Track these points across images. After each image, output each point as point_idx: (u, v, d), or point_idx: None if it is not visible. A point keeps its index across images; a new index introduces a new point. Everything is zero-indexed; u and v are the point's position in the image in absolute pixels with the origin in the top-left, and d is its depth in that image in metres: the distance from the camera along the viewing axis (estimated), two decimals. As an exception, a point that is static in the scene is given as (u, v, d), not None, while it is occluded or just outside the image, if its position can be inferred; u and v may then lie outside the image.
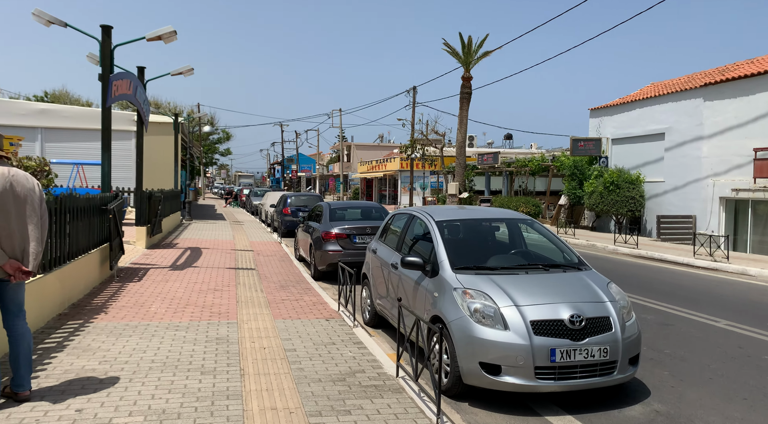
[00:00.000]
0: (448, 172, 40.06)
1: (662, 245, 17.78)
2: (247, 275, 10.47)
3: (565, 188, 25.23)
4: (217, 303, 7.84)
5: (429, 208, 6.57)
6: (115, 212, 9.17)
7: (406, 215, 6.90)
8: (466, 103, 36.03)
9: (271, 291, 8.96)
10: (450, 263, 5.29)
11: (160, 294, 8.28)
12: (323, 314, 7.40)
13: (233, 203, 42.76)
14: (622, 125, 23.83)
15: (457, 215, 6.27)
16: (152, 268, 10.68)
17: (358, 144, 69.29)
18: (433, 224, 5.91)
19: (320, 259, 10.60)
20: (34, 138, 22.08)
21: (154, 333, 6.10)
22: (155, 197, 14.16)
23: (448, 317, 4.85)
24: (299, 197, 19.99)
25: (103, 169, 10.09)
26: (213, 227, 21.12)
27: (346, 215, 11.62)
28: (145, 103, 13.27)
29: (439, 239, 5.62)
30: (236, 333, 6.23)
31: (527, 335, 4.50)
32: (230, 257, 12.84)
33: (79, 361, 5.06)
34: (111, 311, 7.08)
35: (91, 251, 8.36)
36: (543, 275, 5.22)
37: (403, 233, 6.59)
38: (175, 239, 16.01)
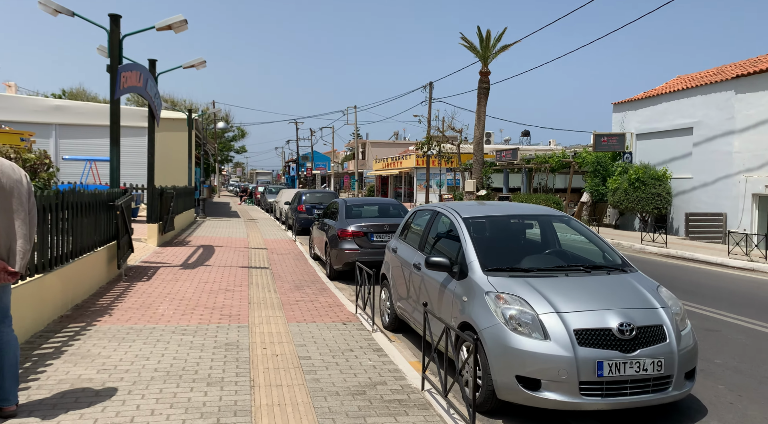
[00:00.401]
0: (465, 170, 39.42)
1: (692, 244, 17.04)
2: (260, 274, 10.06)
3: (587, 185, 24.50)
4: (228, 305, 7.42)
5: (454, 205, 6.07)
6: (123, 208, 8.80)
7: (429, 211, 6.40)
8: (484, 99, 35.36)
9: (285, 292, 8.52)
10: (480, 264, 4.78)
11: (169, 294, 7.88)
12: (340, 317, 6.94)
13: (248, 201, 42.59)
14: (648, 120, 23.02)
15: (485, 211, 5.76)
16: (162, 266, 10.32)
17: (373, 141, 68.82)
18: (460, 221, 5.41)
19: (336, 258, 10.15)
20: (48, 135, 21.95)
21: (160, 338, 5.68)
22: (167, 194, 13.83)
23: (480, 324, 4.35)
24: (314, 194, 19.58)
25: (112, 164, 9.74)
26: (227, 224, 20.81)
27: (363, 212, 11.16)
28: (157, 97, 12.92)
29: (468, 237, 5.11)
30: (247, 338, 5.79)
31: (570, 345, 3.98)
32: (243, 255, 12.46)
33: (76, 369, 4.66)
34: (116, 312, 6.69)
35: (97, 249, 8.00)
36: (585, 278, 4.69)
37: (426, 231, 6.09)
38: (187, 237, 15.69)
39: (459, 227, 5.33)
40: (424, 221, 6.46)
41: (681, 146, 21.25)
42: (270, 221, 24.19)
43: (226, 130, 57.59)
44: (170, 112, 23.86)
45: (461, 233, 5.23)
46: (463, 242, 5.12)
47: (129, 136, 21.73)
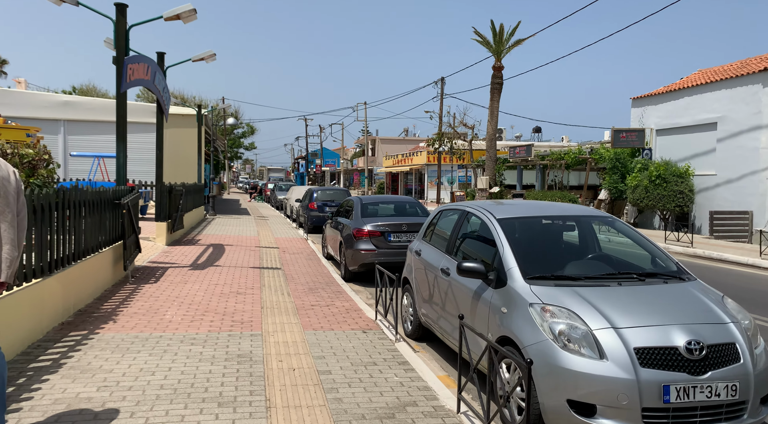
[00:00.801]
0: (477, 166, 38.82)
1: (718, 243, 16.41)
2: (272, 275, 9.62)
3: (605, 182, 23.86)
4: (240, 309, 6.98)
5: (484, 204, 5.57)
6: (129, 206, 8.39)
7: (456, 211, 5.91)
8: (497, 94, 34.72)
9: (299, 295, 8.08)
10: (521, 271, 4.29)
11: (177, 298, 7.46)
12: (359, 324, 6.47)
13: (258, 198, 42.27)
14: (668, 115, 22.33)
15: (520, 211, 5.26)
16: (171, 267, 9.91)
17: (383, 138, 68.29)
18: (495, 222, 4.91)
19: (351, 258, 9.68)
20: (56, 131, 21.66)
21: (167, 348, 5.24)
22: (176, 191, 13.44)
23: (524, 339, 3.86)
24: (325, 192, 19.14)
25: (118, 161, 9.33)
26: (237, 222, 20.43)
27: (379, 211, 10.68)
28: (165, 92, 12.51)
29: (505, 240, 4.62)
30: (261, 349, 5.34)
31: (631, 366, 3.48)
32: (254, 254, 12.03)
33: (75, 386, 4.22)
34: (121, 318, 6.27)
35: (102, 250, 7.58)
36: (641, 288, 4.18)
37: (455, 233, 5.60)
38: (197, 235, 15.30)
39: (494, 229, 4.84)
40: (451, 222, 5.97)
41: (704, 142, 20.57)
42: (280, 218, 23.79)
43: (236, 127, 57.31)
44: (180, 108, 23.51)
45: (497, 236, 4.73)
46: (499, 245, 4.63)
47: (138, 132, 21.42)
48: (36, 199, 5.26)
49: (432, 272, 5.74)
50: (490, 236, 4.89)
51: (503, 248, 4.57)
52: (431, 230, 6.36)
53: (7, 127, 13.33)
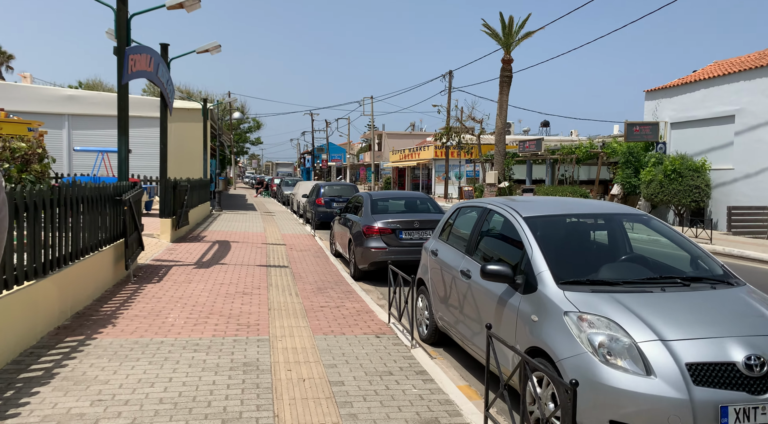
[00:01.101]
0: (485, 161, 38.34)
1: (737, 240, 15.94)
2: (279, 274, 9.28)
3: (618, 176, 23.35)
4: (246, 311, 6.64)
5: (507, 201, 5.19)
6: (131, 203, 8.06)
7: (476, 208, 5.52)
8: (507, 87, 34.19)
9: (308, 295, 7.73)
10: (553, 276, 3.91)
11: (181, 299, 7.13)
12: (371, 328, 6.12)
13: (264, 193, 42.01)
14: (684, 108, 21.79)
15: (548, 209, 4.87)
16: (175, 265, 9.59)
17: (390, 133, 67.83)
18: (521, 221, 4.53)
19: (361, 257, 9.33)
20: (61, 125, 21.40)
21: (168, 356, 4.91)
22: (181, 187, 13.12)
23: (559, 352, 3.49)
24: (333, 187, 18.78)
25: (120, 155, 9.00)
26: (243, 218, 20.13)
27: (390, 207, 10.31)
28: (169, 84, 12.17)
29: (534, 241, 4.24)
30: (268, 356, 4.99)
31: (683, 384, 3.11)
32: (261, 252, 11.70)
33: (66, 400, 3.89)
34: (120, 322, 5.94)
35: (102, 248, 7.26)
36: (687, 294, 3.79)
37: (475, 232, 5.22)
38: (203, 232, 14.99)
39: (521, 229, 4.45)
40: (470, 220, 5.59)
41: (721, 135, 20.03)
42: (287, 214, 23.48)
43: (242, 121, 57.03)
44: (185, 102, 23.20)
45: (524, 236, 4.35)
46: (527, 246, 4.25)
47: (142, 127, 21.13)
48: (28, 196, 4.93)
49: (450, 274, 5.37)
50: (515, 236, 4.51)
51: (532, 249, 4.19)
52: (448, 228, 5.99)
53: (9, 121, 13.06)
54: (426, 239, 9.25)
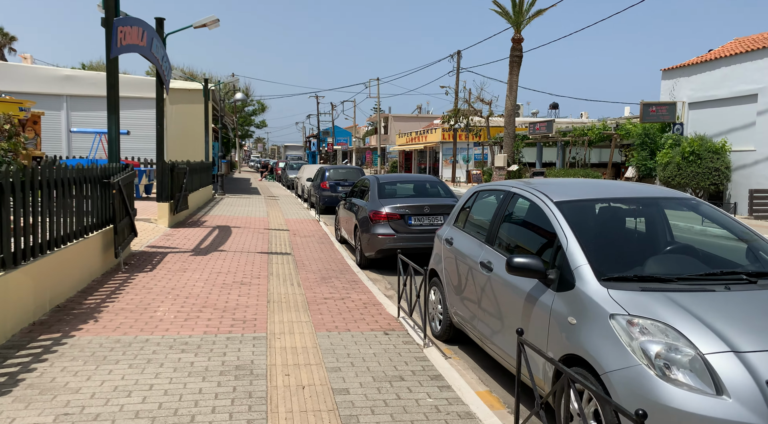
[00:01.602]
0: (494, 143, 37.56)
1: (760, 224, 15.25)
2: (281, 261, 8.74)
3: (633, 159, 22.58)
4: (243, 304, 6.11)
5: (534, 183, 4.58)
6: (120, 186, 7.51)
7: (497, 192, 4.92)
8: (516, 68, 33.26)
9: (310, 285, 7.19)
10: (594, 271, 3.32)
11: (174, 290, 6.61)
12: (379, 323, 5.57)
13: (269, 177, 41.46)
14: (703, 87, 20.91)
15: (582, 192, 4.26)
16: (171, 252, 9.07)
17: (396, 115, 66.88)
18: (552, 206, 3.93)
19: (368, 244, 8.76)
20: (59, 106, 20.83)
21: (152, 357, 4.38)
22: (179, 170, 12.56)
23: (605, 363, 2.92)
24: (338, 171, 18.19)
25: (110, 135, 8.43)
26: (246, 202, 19.59)
27: (398, 191, 9.71)
28: (165, 61, 11.54)
29: (569, 230, 3.64)
30: (264, 357, 4.46)
31: (765, 406, 2.53)
32: (263, 238, 11.17)
33: (27, 414, 3.37)
34: (104, 316, 5.42)
35: (88, 235, 6.73)
36: (757, 294, 3.20)
37: (496, 219, 4.62)
38: (203, 216, 14.47)
39: (552, 215, 3.86)
40: (490, 206, 4.99)
41: (742, 115, 19.20)
42: (291, 198, 22.93)
43: (246, 104, 56.26)
44: (186, 82, 22.55)
45: (557, 224, 3.75)
46: (561, 236, 3.66)
47: (142, 108, 20.54)
48: (-7, 178, 4.38)
49: (467, 265, 4.79)
50: (545, 224, 3.91)
51: (567, 239, 3.59)
52: (465, 214, 5.39)
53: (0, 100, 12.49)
54: (436, 225, 8.67)
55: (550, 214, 3.90)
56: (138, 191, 16.64)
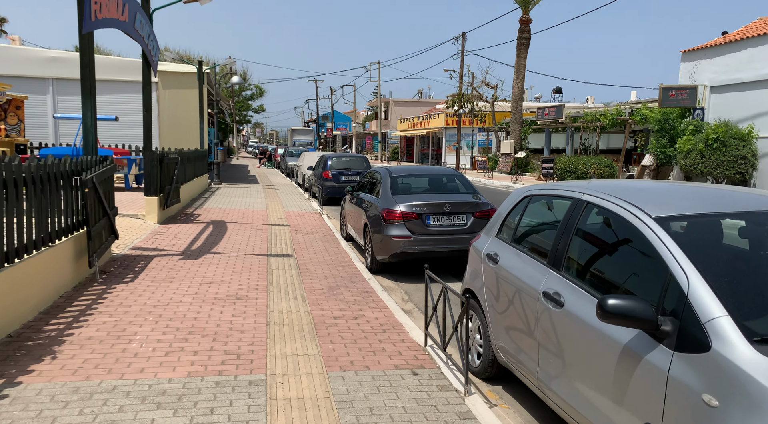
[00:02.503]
0: (500, 129, 36.39)
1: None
2: (282, 266, 7.72)
3: (651, 146, 21.49)
4: (238, 328, 5.09)
5: (611, 188, 3.52)
6: (95, 183, 6.44)
7: (559, 198, 3.87)
8: (524, 50, 32.06)
9: (317, 298, 6.18)
10: (738, 326, 2.29)
11: (156, 308, 5.58)
12: (404, 355, 4.56)
13: (267, 164, 40.31)
14: (726, 70, 19.74)
15: (689, 202, 3.19)
16: (158, 256, 8.04)
17: (397, 100, 65.48)
18: (651, 223, 2.89)
19: (381, 246, 7.73)
20: (44, 90, 19.63)
21: (116, 419, 3.36)
22: (169, 159, 11.48)
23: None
24: (341, 159, 17.09)
25: (85, 123, 7.35)
26: (244, 192, 18.52)
27: (413, 186, 8.66)
28: (152, 40, 10.39)
29: (686, 262, 2.60)
30: (263, 417, 3.44)
31: None
32: (261, 235, 10.13)
33: None
34: (65, 350, 4.40)
35: (53, 243, 5.69)
36: None
37: (564, 236, 3.57)
38: (196, 210, 13.41)
39: (655, 238, 2.81)
40: (550, 216, 3.95)
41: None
42: (291, 187, 21.85)
43: (244, 88, 54.86)
44: (179, 65, 21.33)
45: (665, 251, 2.71)
46: (675, 269, 2.62)
47: (133, 92, 19.34)
48: None
49: (522, 293, 3.77)
50: (643, 248, 2.88)
51: (686, 275, 2.55)
52: (512, 224, 4.34)
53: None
54: (458, 225, 7.64)
55: (650, 235, 2.85)
56: (127, 182, 15.56)
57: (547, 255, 3.66)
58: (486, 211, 7.75)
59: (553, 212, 4.02)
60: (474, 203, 7.78)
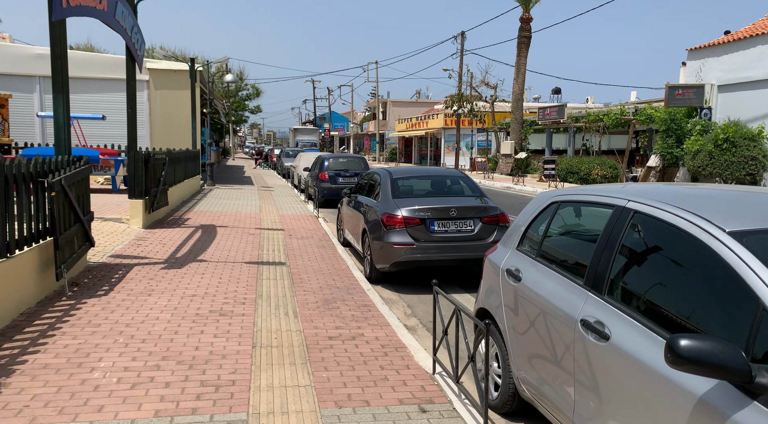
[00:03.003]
0: (500, 129, 35.82)
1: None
2: (273, 275, 7.10)
3: (658, 146, 20.91)
4: (219, 351, 4.47)
5: (662, 193, 2.91)
6: (65, 186, 5.81)
7: (595, 206, 3.25)
8: (525, 49, 31.50)
9: (310, 314, 5.56)
10: None
11: (129, 327, 4.95)
12: (409, 386, 3.94)
13: (263, 165, 39.65)
14: (735, 68, 19.18)
15: (763, 211, 2.59)
16: (139, 264, 7.40)
17: (395, 100, 64.91)
18: (728, 240, 2.28)
19: (380, 254, 7.11)
20: (31, 88, 18.95)
21: (59, 477, 2.73)
22: (156, 160, 10.83)
23: None
24: (338, 160, 16.46)
25: (57, 120, 6.71)
26: (238, 194, 17.88)
27: (415, 188, 8.04)
28: (136, 33, 9.76)
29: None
30: (240, 472, 2.82)
31: None
32: (253, 241, 9.50)
33: None
34: (13, 383, 3.77)
35: (12, 254, 5.05)
36: None
37: (606, 251, 2.95)
38: (186, 213, 12.76)
39: (737, 260, 2.20)
40: (584, 226, 3.34)
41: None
42: (287, 188, 21.22)
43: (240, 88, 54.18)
44: (171, 62, 20.66)
45: (755, 278, 2.10)
46: None
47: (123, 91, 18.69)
48: None
49: (552, 317, 3.15)
50: (722, 273, 2.26)
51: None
52: (537, 235, 3.72)
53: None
54: (465, 232, 7.02)
55: (728, 254, 2.24)
56: (115, 184, 14.91)
57: (584, 274, 3.04)
58: (495, 216, 7.13)
59: (587, 221, 3.41)
60: (482, 207, 7.16)
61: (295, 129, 46.07)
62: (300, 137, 43.55)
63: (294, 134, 45.12)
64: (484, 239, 7.02)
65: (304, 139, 42.98)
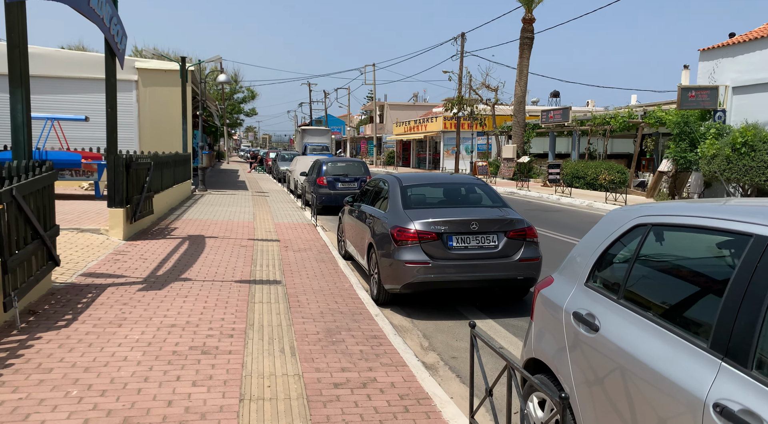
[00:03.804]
0: (501, 132, 35.01)
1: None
2: (268, 298, 6.16)
3: (670, 150, 20.07)
4: (196, 408, 3.53)
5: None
6: (17, 198, 4.86)
7: (708, 231, 2.34)
8: (527, 51, 30.73)
9: (311, 350, 4.63)
10: None
11: (87, 372, 4.01)
12: (443, 463, 3.01)
13: (259, 169, 38.67)
14: (751, 69, 18.40)
15: None
16: (113, 285, 6.45)
17: (392, 103, 64.06)
18: None
19: (390, 274, 6.18)
20: (3, 88, 17.92)
21: None
22: (139, 165, 9.88)
23: None
24: (337, 164, 15.55)
25: (15, 120, 5.77)
26: (231, 200, 16.92)
27: (427, 197, 7.12)
28: (115, 25, 8.82)
29: None
30: None
31: None
32: (245, 254, 8.56)
33: None
34: None
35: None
36: None
37: (745, 301, 2.04)
38: (173, 222, 11.80)
39: None
40: (688, 260, 2.43)
41: (802, 101, 16.73)
42: (282, 194, 20.26)
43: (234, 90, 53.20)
44: (160, 62, 19.71)
45: None
46: None
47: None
48: None
49: (658, 391, 2.24)
50: None
51: None
52: (621, 268, 2.80)
53: None
54: (488, 247, 6.10)
55: None
56: (98, 190, 13.94)
57: (709, 332, 2.13)
58: (522, 229, 6.22)
59: (693, 251, 2.50)
60: (506, 220, 6.25)
61: (303, 129, 38.08)
62: (309, 139, 35.75)
63: (302, 135, 36.89)
64: (509, 257, 6.11)
65: (314, 142, 35.32)
